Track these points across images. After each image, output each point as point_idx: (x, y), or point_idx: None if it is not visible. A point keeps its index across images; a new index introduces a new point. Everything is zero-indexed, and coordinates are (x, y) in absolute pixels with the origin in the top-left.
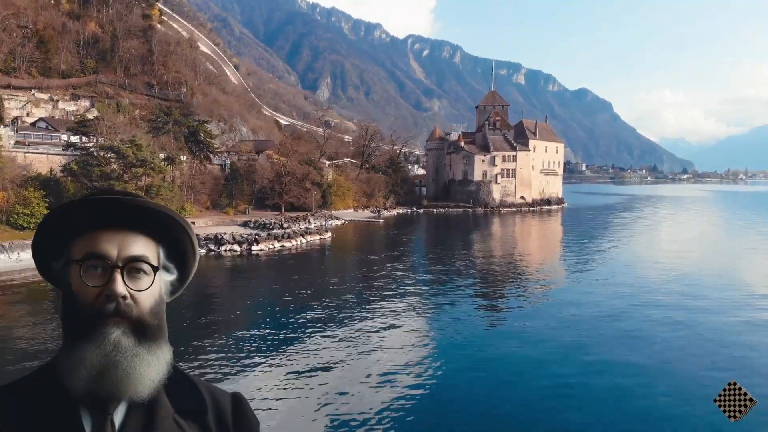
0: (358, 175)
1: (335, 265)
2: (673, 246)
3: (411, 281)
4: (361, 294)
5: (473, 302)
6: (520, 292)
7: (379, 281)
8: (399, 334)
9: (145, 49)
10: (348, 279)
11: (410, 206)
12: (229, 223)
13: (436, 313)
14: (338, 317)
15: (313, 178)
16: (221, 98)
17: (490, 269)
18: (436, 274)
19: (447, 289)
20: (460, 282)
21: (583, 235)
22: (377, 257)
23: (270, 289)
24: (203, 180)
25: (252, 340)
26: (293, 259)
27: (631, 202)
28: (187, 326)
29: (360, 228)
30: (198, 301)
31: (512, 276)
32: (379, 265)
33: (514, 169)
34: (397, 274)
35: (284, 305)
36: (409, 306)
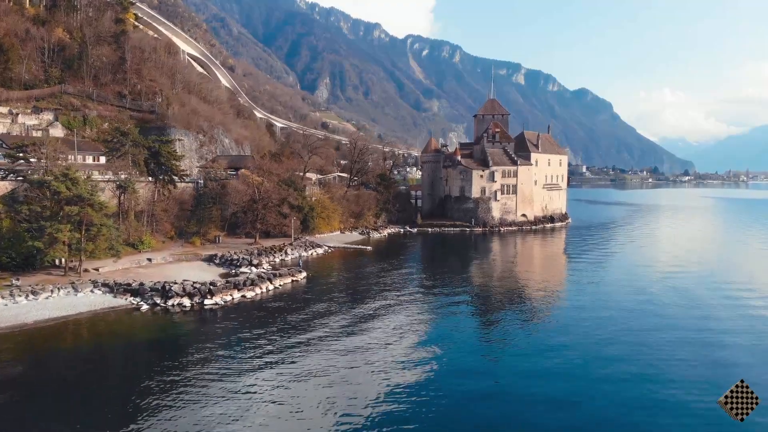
0: (346, 193)
1: (304, 326)
2: (684, 279)
3: (402, 356)
4: (334, 373)
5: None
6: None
7: (360, 353)
8: None
9: (116, 57)
10: (319, 347)
11: (404, 224)
12: (191, 258)
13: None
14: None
15: (292, 202)
16: (201, 108)
17: (491, 315)
18: (430, 345)
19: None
20: (461, 340)
21: (588, 262)
22: (359, 309)
23: (211, 366)
24: (166, 206)
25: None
26: (254, 314)
27: (636, 215)
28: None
29: (344, 258)
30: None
31: (517, 315)
32: (361, 323)
33: (515, 184)
34: (381, 338)
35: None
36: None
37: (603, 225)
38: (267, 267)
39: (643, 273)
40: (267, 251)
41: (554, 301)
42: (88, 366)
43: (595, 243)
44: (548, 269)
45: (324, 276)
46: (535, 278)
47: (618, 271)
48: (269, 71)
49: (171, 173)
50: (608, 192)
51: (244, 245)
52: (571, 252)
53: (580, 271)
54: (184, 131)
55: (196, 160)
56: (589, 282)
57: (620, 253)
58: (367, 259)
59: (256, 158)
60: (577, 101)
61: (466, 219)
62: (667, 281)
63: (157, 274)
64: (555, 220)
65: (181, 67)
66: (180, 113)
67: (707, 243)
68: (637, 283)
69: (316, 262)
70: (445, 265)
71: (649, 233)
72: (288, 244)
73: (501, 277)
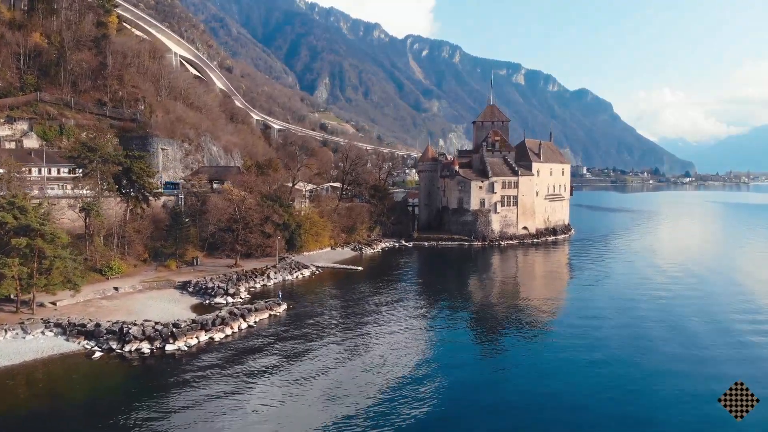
0: (338, 207)
1: (278, 374)
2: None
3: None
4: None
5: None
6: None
7: (340, 404)
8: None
9: (97, 62)
10: (295, 399)
11: (399, 238)
12: (163, 285)
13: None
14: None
15: (276, 221)
16: (188, 115)
17: (492, 345)
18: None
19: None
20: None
21: (591, 281)
22: (343, 350)
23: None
24: (139, 227)
25: None
26: (221, 361)
27: (639, 224)
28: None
29: (332, 281)
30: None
31: (518, 342)
32: (344, 368)
33: (516, 196)
34: (364, 388)
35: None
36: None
37: (607, 237)
38: (245, 296)
39: (648, 293)
40: (247, 275)
41: (555, 325)
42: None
43: (599, 258)
44: (550, 290)
45: (307, 306)
46: (536, 301)
47: (622, 291)
48: (268, 71)
49: (144, 191)
50: (609, 196)
51: (223, 268)
52: (574, 269)
53: (583, 292)
54: (168, 140)
55: (181, 170)
56: (593, 306)
57: (624, 272)
58: (357, 283)
59: (242, 169)
60: (577, 101)
61: (464, 232)
62: (670, 300)
63: (122, 307)
64: (557, 233)
65: (167, 72)
66: (164, 121)
67: (715, 258)
68: (642, 305)
69: (301, 286)
70: (441, 289)
71: (654, 246)
72: (271, 267)
73: (501, 301)
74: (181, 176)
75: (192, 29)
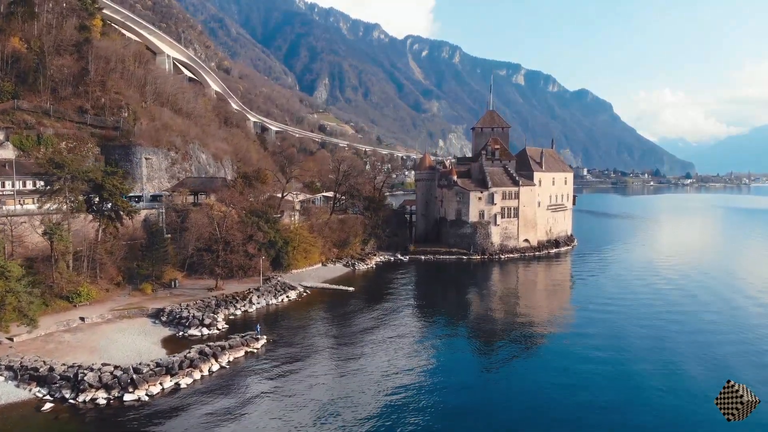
0: (330, 220)
1: (254, 428)
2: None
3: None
4: None
5: None
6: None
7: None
8: None
9: (79, 68)
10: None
11: (395, 251)
12: (135, 313)
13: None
14: None
15: (260, 240)
16: (175, 121)
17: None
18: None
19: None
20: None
21: (598, 296)
22: (327, 393)
23: None
24: (112, 247)
25: None
26: (185, 412)
27: (643, 231)
28: None
29: (321, 304)
30: None
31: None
32: (328, 415)
33: (517, 207)
34: None
35: None
36: None
37: (611, 248)
38: (222, 326)
39: (656, 311)
40: (228, 300)
41: (558, 347)
42: None
43: (603, 272)
44: (552, 309)
45: (289, 338)
46: (539, 326)
47: (627, 310)
48: (268, 72)
49: (117, 209)
50: (610, 199)
51: (203, 291)
52: (577, 287)
53: (588, 312)
54: (153, 149)
55: (167, 180)
56: (595, 330)
57: (629, 287)
58: (347, 306)
59: (228, 180)
60: (577, 102)
61: (463, 245)
62: (676, 318)
63: (85, 343)
64: (560, 244)
65: (153, 77)
66: (149, 129)
67: (722, 271)
68: (647, 323)
69: (286, 312)
70: (439, 317)
71: (661, 260)
72: (254, 290)
73: (504, 326)
74: (167, 186)
75: (189, 30)
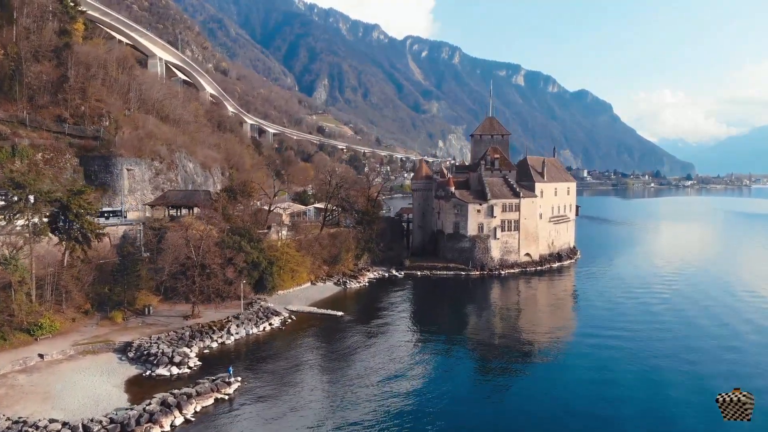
0: (320, 235)
1: None
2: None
3: None
4: None
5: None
6: None
7: None
8: None
9: (58, 74)
10: None
11: (390, 266)
12: (100, 348)
13: None
14: None
15: (239, 264)
16: (161, 129)
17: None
18: None
19: None
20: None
21: (601, 315)
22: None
23: None
24: (79, 272)
25: None
26: None
27: (645, 240)
28: None
29: (307, 332)
30: None
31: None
32: None
33: (517, 220)
34: None
35: None
36: None
37: (614, 260)
38: (195, 363)
39: (663, 328)
40: (203, 331)
41: (563, 375)
42: None
43: (606, 287)
44: (554, 330)
45: (267, 378)
46: (544, 357)
47: (631, 328)
48: (267, 73)
49: (84, 232)
50: (612, 202)
51: (178, 319)
52: (579, 302)
53: (590, 331)
54: (135, 159)
55: (150, 191)
56: (599, 352)
57: (633, 307)
58: (335, 334)
59: (214, 192)
60: (577, 102)
61: (461, 260)
62: (685, 342)
63: (39, 387)
64: (563, 258)
65: (138, 83)
66: (131, 138)
67: (732, 284)
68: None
69: (268, 342)
70: (435, 337)
71: (664, 271)
72: (233, 317)
73: (502, 345)
74: (150, 198)
75: (187, 31)
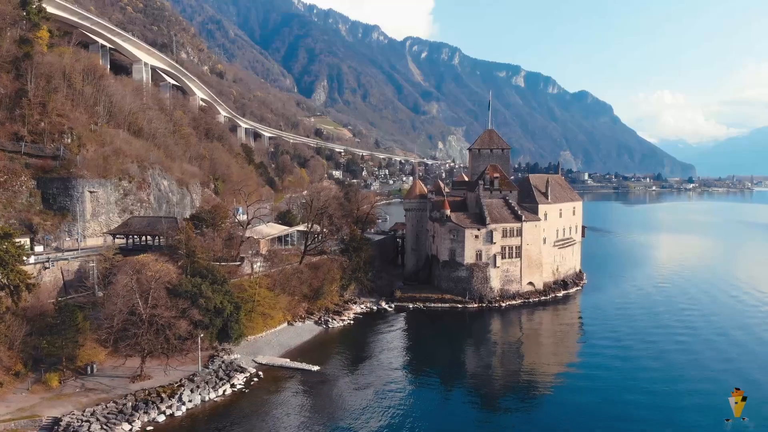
0: (299, 268)
1: None
2: None
3: None
4: None
5: None
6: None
7: None
8: None
9: (16, 87)
10: None
11: (380, 296)
12: (25, 425)
13: None
14: None
15: (194, 317)
16: (131, 145)
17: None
18: None
19: None
20: None
21: (610, 356)
22: None
23: None
24: (8, 327)
25: None
26: None
27: (653, 257)
28: None
29: (276, 393)
30: None
31: None
32: None
33: (519, 246)
34: None
35: None
36: None
37: (622, 284)
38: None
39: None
40: (151, 398)
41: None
42: None
43: (614, 317)
44: (558, 371)
45: None
46: (544, 385)
47: (640, 367)
48: (265, 74)
49: (11, 284)
50: (614, 209)
51: (124, 381)
52: (587, 337)
53: (598, 372)
54: (99, 180)
55: (117, 214)
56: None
57: (643, 340)
58: (313, 391)
59: (181, 220)
60: (577, 104)
61: (457, 290)
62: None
63: None
64: (568, 285)
65: (107, 95)
66: (96, 156)
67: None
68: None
69: (227, 410)
70: (429, 385)
71: (675, 297)
72: (189, 379)
73: (503, 393)
74: (117, 222)
75: (182, 33)
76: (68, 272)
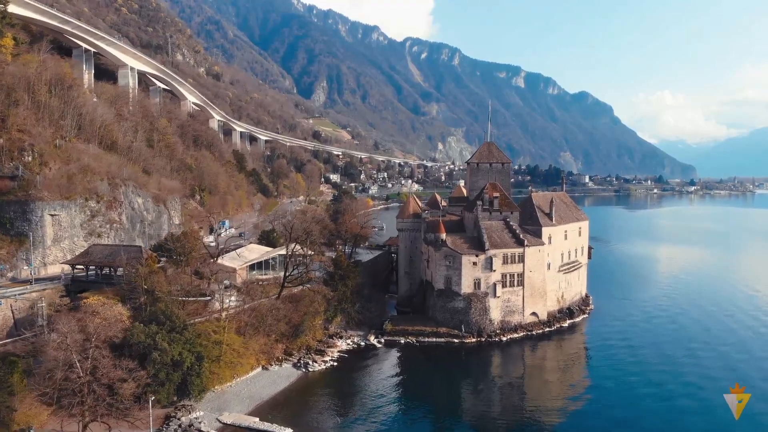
0: (276, 303)
1: None
2: None
3: None
4: None
5: None
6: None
7: None
8: None
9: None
10: None
11: (369, 329)
12: None
13: None
14: None
15: (142, 379)
16: (100, 162)
17: None
18: None
19: None
20: None
21: (617, 395)
22: None
23: None
24: None
25: None
26: None
27: (661, 274)
28: None
29: None
30: None
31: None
32: None
33: (521, 273)
34: None
35: None
36: None
37: (630, 309)
38: None
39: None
40: None
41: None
42: None
43: (624, 350)
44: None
45: None
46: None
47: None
48: (264, 75)
49: None
50: (616, 214)
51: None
52: (593, 374)
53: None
54: (62, 202)
55: (83, 238)
56: None
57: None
58: None
59: (145, 249)
60: (577, 104)
61: (453, 323)
62: None
63: None
64: (574, 313)
65: (76, 106)
66: (58, 175)
67: None
68: None
69: None
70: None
71: (687, 326)
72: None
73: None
74: (83, 247)
75: (178, 34)
76: (19, 310)
